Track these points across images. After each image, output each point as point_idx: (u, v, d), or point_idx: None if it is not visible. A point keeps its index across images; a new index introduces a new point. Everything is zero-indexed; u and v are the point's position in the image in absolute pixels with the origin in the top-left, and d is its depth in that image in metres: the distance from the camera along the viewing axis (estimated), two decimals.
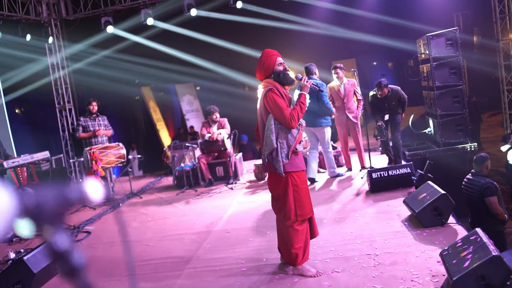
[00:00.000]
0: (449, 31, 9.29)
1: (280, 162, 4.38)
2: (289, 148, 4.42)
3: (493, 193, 6.48)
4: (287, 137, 4.42)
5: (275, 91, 4.42)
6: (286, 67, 4.61)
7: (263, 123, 4.54)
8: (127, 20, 12.34)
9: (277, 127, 4.41)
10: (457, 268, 3.63)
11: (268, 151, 4.40)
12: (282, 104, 4.37)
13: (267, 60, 4.55)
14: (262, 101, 4.48)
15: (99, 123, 9.58)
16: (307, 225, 4.56)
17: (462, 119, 9.35)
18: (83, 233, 7.31)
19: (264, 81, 4.59)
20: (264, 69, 4.57)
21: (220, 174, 9.75)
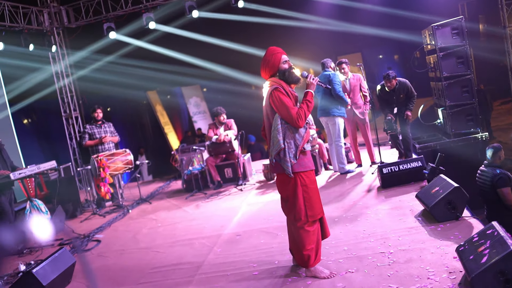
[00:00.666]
0: (455, 20, 9.13)
1: (288, 162, 4.28)
2: (297, 148, 4.32)
3: (506, 183, 6.35)
4: (295, 136, 4.31)
5: (281, 90, 4.31)
6: (291, 65, 4.49)
7: (269, 123, 4.44)
8: (129, 25, 12.28)
9: (284, 127, 4.31)
10: (474, 265, 3.52)
11: (275, 151, 4.31)
12: (288, 103, 4.27)
13: (271, 58, 4.45)
14: (268, 100, 4.38)
15: (105, 130, 9.53)
16: (318, 225, 4.46)
17: (472, 108, 9.20)
18: (93, 242, 7.25)
19: (269, 79, 4.48)
20: (269, 68, 4.47)
21: (229, 176, 9.66)
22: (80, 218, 8.98)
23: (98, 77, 13.59)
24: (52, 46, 12.09)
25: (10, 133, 11.07)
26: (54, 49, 12.14)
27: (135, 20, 12.10)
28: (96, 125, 9.50)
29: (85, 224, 8.50)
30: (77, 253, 6.46)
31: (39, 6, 12.21)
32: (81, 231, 7.90)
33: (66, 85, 12.62)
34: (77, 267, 5.52)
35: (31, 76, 12.50)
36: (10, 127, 11.18)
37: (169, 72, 15.89)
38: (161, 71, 15.60)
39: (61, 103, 12.70)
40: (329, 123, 8.50)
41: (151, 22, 11.73)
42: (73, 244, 7.20)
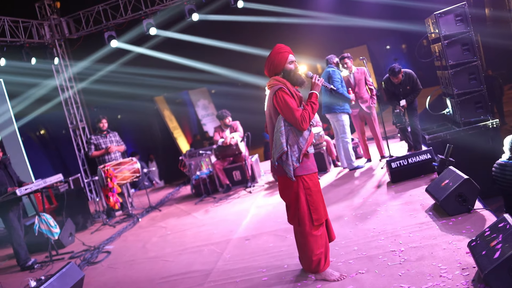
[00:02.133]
0: (457, 7, 8.95)
1: (290, 166, 4.15)
2: (300, 151, 4.18)
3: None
4: (298, 139, 4.16)
5: (286, 90, 4.14)
6: (297, 66, 4.32)
7: (272, 123, 4.28)
8: (130, 32, 12.25)
9: (287, 129, 4.16)
10: (487, 260, 3.38)
11: (278, 154, 4.15)
12: (292, 105, 4.10)
13: (277, 57, 4.27)
14: (271, 100, 4.20)
15: (110, 139, 9.49)
16: (324, 229, 4.34)
17: (481, 95, 9.01)
18: (103, 253, 7.20)
19: (273, 78, 4.30)
20: (274, 66, 4.29)
21: (238, 178, 9.57)
22: (91, 230, 8.94)
23: (103, 86, 13.57)
24: (55, 58, 12.09)
25: (18, 148, 11.07)
26: (56, 61, 12.14)
27: (135, 27, 12.07)
28: (101, 135, 9.46)
29: (95, 236, 8.46)
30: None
31: (39, 19, 12.22)
32: (91, 243, 7.86)
33: (71, 96, 12.61)
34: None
35: (35, 90, 12.51)
36: (18, 141, 11.18)
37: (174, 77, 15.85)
38: (166, 77, 15.57)
39: (67, 115, 12.69)
40: (333, 120, 8.45)
41: (151, 28, 11.68)
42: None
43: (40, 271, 7.05)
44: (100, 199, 9.72)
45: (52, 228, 7.40)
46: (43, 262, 7.40)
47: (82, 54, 12.72)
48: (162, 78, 15.57)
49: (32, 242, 8.03)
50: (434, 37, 9.65)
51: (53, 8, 12.40)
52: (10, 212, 7.36)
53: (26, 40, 11.48)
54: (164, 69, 15.08)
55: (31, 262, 7.35)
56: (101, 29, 12.09)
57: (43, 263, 7.37)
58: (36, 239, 8.01)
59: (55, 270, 6.04)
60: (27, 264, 7.34)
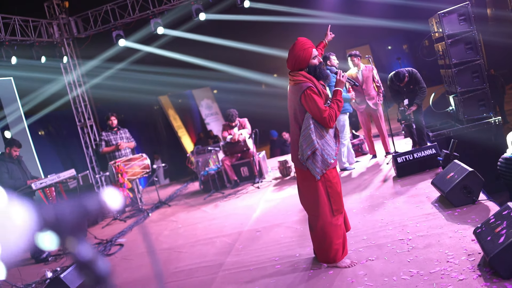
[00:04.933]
0: (461, 7, 9.13)
1: (317, 168, 4.29)
2: (327, 165, 4.31)
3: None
4: (325, 136, 4.30)
5: (314, 89, 4.23)
6: (321, 60, 4.42)
7: (296, 118, 4.38)
8: (138, 31, 12.43)
9: (315, 126, 4.28)
10: (492, 245, 3.57)
11: (310, 151, 4.25)
12: (320, 105, 4.21)
13: (302, 54, 4.32)
14: (299, 98, 4.26)
15: (121, 136, 9.67)
16: (342, 219, 4.53)
17: (483, 93, 9.19)
18: (116, 246, 7.39)
19: (299, 73, 4.35)
20: (299, 62, 4.34)
21: (245, 174, 9.76)
22: (102, 224, 9.14)
23: (110, 85, 13.76)
24: (63, 57, 12.27)
25: (28, 145, 11.26)
26: (65, 60, 12.32)
27: (143, 27, 12.24)
28: (112, 131, 9.64)
29: (107, 230, 8.65)
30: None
31: (48, 19, 12.39)
32: (103, 237, 8.05)
33: (79, 95, 12.79)
34: None
35: (45, 88, 12.70)
36: (27, 139, 11.39)
37: (179, 75, 16.05)
38: (171, 75, 15.76)
39: (75, 113, 12.86)
40: None
41: (159, 27, 11.86)
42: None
43: (54, 263, 7.25)
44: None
45: None
46: (57, 255, 7.59)
47: (90, 53, 12.90)
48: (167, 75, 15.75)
49: None
50: (437, 36, 9.83)
51: (62, 8, 12.57)
52: None
53: (36, 39, 11.66)
54: (170, 68, 15.28)
55: (45, 255, 7.55)
56: (109, 28, 12.26)
57: (57, 256, 7.57)
58: None
59: (69, 263, 6.25)
60: (42, 256, 7.53)
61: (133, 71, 14.39)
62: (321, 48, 5.18)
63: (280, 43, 14.96)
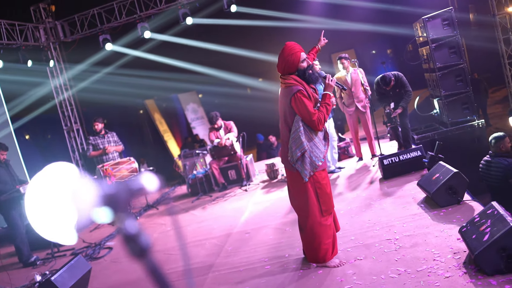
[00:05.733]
0: (445, 12, 9.32)
1: (306, 170, 4.37)
2: (315, 167, 4.40)
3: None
4: (314, 140, 4.39)
5: (304, 93, 4.32)
6: (310, 63, 4.49)
7: (286, 120, 4.46)
8: (125, 35, 12.45)
9: (305, 128, 4.37)
10: (477, 243, 3.68)
11: (299, 153, 4.34)
12: (310, 108, 4.30)
13: (291, 58, 4.40)
14: (289, 101, 4.35)
15: (108, 140, 9.66)
16: (332, 219, 4.61)
17: (467, 97, 9.37)
18: (105, 249, 7.40)
19: (290, 77, 4.43)
20: (288, 66, 4.43)
21: (233, 178, 9.82)
22: (90, 228, 9.12)
23: (97, 89, 13.75)
24: (50, 61, 12.27)
25: (14, 149, 11.19)
26: (52, 64, 12.31)
27: (130, 31, 12.27)
28: (99, 136, 9.64)
29: (95, 233, 8.66)
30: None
31: (35, 23, 12.38)
32: (91, 240, 8.06)
33: (66, 99, 12.78)
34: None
35: (32, 92, 12.66)
36: (13, 143, 11.32)
37: (166, 79, 16.08)
38: (158, 78, 15.79)
39: (62, 117, 12.84)
40: None
41: (146, 31, 11.89)
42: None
43: (43, 267, 7.26)
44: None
45: None
46: (46, 259, 7.59)
47: (77, 57, 12.89)
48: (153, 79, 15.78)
49: (32, 240, 8.16)
50: (422, 41, 10.01)
51: (48, 12, 12.56)
52: (13, 210, 7.56)
53: (22, 43, 11.64)
54: (156, 72, 15.31)
55: (33, 259, 7.54)
56: (96, 33, 12.28)
57: (45, 259, 7.57)
58: (36, 237, 8.14)
59: (58, 266, 6.26)
60: (30, 260, 7.52)
61: (120, 75, 14.38)
62: (314, 53, 5.29)
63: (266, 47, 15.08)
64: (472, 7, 18.94)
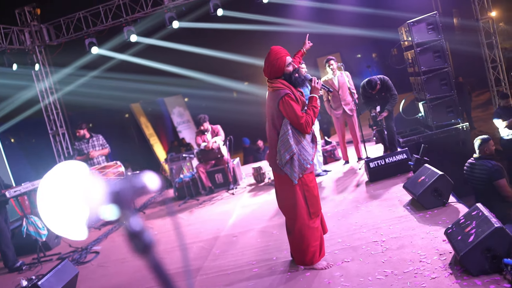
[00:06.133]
0: (429, 16, 9.42)
1: (295, 173, 4.40)
2: (303, 169, 4.43)
3: (502, 175, 6.35)
4: (302, 142, 4.41)
5: (292, 96, 4.35)
6: (295, 67, 4.53)
7: (273, 124, 4.49)
8: (111, 39, 12.41)
9: (293, 131, 4.40)
10: (463, 244, 3.73)
11: (288, 155, 4.36)
12: (298, 111, 4.33)
13: (277, 62, 4.43)
14: (277, 104, 4.37)
15: (93, 144, 9.58)
16: (319, 222, 4.64)
17: (451, 100, 9.48)
18: (92, 254, 7.37)
19: (277, 80, 4.47)
20: (274, 71, 4.46)
21: (220, 181, 9.83)
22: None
23: (83, 92, 13.68)
24: (35, 64, 12.19)
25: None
26: (37, 68, 12.24)
27: (116, 34, 12.23)
28: (83, 140, 9.56)
29: None
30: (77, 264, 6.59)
31: (20, 26, 12.30)
32: (78, 245, 8.02)
33: (51, 103, 12.70)
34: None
35: (17, 96, 12.57)
36: None
37: (152, 83, 16.05)
38: (144, 82, 15.75)
39: (47, 121, 12.77)
40: None
41: (132, 35, 11.86)
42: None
43: (29, 272, 7.19)
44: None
45: (40, 230, 7.54)
46: (31, 264, 7.53)
47: (63, 61, 12.82)
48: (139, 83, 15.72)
49: (17, 245, 8.10)
50: (407, 45, 10.11)
51: (34, 15, 12.49)
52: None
53: (7, 46, 11.56)
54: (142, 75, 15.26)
55: (19, 264, 7.48)
56: (82, 36, 12.23)
57: (31, 264, 7.51)
58: (21, 242, 8.08)
59: (44, 271, 6.21)
60: (15, 265, 7.46)
61: (106, 78, 14.33)
62: (299, 56, 5.33)
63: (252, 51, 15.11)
64: (456, 12, 19.18)
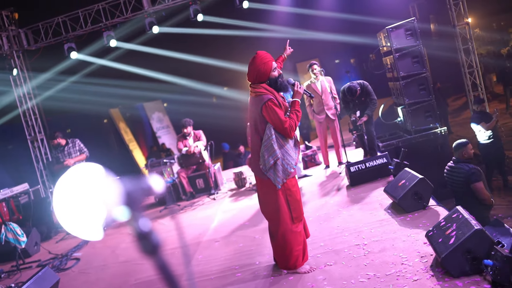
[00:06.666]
0: (408, 22, 9.54)
1: (279, 178, 4.42)
2: (287, 174, 4.47)
3: (479, 178, 6.49)
4: (285, 146, 4.44)
5: (275, 101, 4.37)
6: (280, 72, 4.57)
7: (256, 128, 4.50)
8: (90, 44, 12.34)
9: (277, 136, 4.42)
10: (444, 246, 3.80)
11: (272, 160, 4.37)
12: (281, 116, 4.35)
13: (263, 66, 4.45)
14: (260, 109, 4.39)
15: (68, 151, 9.38)
16: (302, 226, 4.67)
17: (430, 105, 9.60)
18: (72, 260, 7.30)
19: (260, 85, 4.49)
20: (260, 75, 4.48)
21: (201, 186, 9.81)
22: (56, 239, 8.99)
23: (62, 98, 13.56)
24: (13, 69, 12.05)
25: None
26: (15, 73, 12.10)
27: (96, 39, 12.16)
28: (59, 149, 9.42)
29: (61, 244, 8.53)
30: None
31: None
32: (58, 251, 7.94)
33: (29, 108, 12.56)
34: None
35: None
36: None
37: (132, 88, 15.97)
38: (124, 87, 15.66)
39: (26, 126, 12.62)
40: None
41: (112, 40, 11.80)
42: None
43: (8, 280, 7.10)
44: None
45: (19, 237, 7.46)
46: (10, 272, 7.42)
47: (41, 66, 12.70)
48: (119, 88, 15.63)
49: None
50: (386, 50, 10.22)
51: (11, 19, 12.34)
52: None
53: None
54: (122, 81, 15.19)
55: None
56: (61, 41, 12.12)
57: (10, 272, 7.40)
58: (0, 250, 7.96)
59: (24, 279, 6.15)
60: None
61: (86, 83, 14.23)
62: (280, 62, 5.38)
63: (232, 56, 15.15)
64: (433, 18, 19.45)
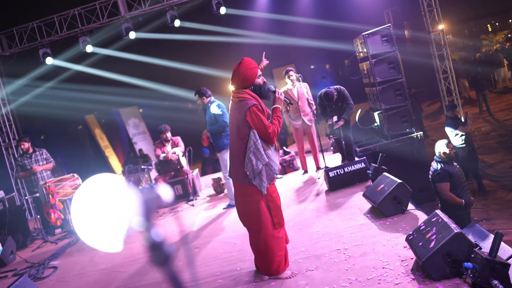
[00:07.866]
0: (384, 28, 9.66)
1: (264, 183, 4.43)
2: (271, 179, 4.50)
3: (443, 179, 6.71)
4: (268, 153, 4.45)
5: (259, 107, 4.40)
6: (265, 80, 4.60)
7: (238, 133, 4.48)
8: (66, 49, 12.21)
9: (261, 142, 4.42)
10: (424, 250, 3.85)
11: (261, 165, 4.37)
12: (265, 121, 4.38)
13: (249, 72, 4.49)
14: (244, 114, 4.39)
15: (36, 158, 9.30)
16: (283, 231, 4.68)
17: (406, 110, 9.72)
18: (50, 269, 7.19)
19: (244, 91, 4.51)
20: (245, 81, 4.51)
21: (179, 193, 9.77)
22: (32, 247, 8.85)
23: (37, 103, 13.39)
24: None
25: None
26: None
27: (72, 45, 12.05)
28: (26, 155, 9.30)
29: (37, 253, 8.39)
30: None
31: None
32: (34, 260, 7.81)
33: (3, 114, 12.37)
34: None
35: None
36: None
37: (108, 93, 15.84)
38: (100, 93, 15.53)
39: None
40: (219, 158, 8.11)
41: (88, 45, 11.71)
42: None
43: None
44: (40, 216, 9.58)
45: None
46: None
47: (16, 71, 12.53)
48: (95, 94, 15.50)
49: None
50: (362, 56, 10.33)
51: None
52: None
53: None
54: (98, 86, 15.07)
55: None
56: (36, 46, 11.98)
57: None
58: None
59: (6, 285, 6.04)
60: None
61: (62, 89, 14.08)
62: None
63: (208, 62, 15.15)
64: (407, 24, 19.74)
